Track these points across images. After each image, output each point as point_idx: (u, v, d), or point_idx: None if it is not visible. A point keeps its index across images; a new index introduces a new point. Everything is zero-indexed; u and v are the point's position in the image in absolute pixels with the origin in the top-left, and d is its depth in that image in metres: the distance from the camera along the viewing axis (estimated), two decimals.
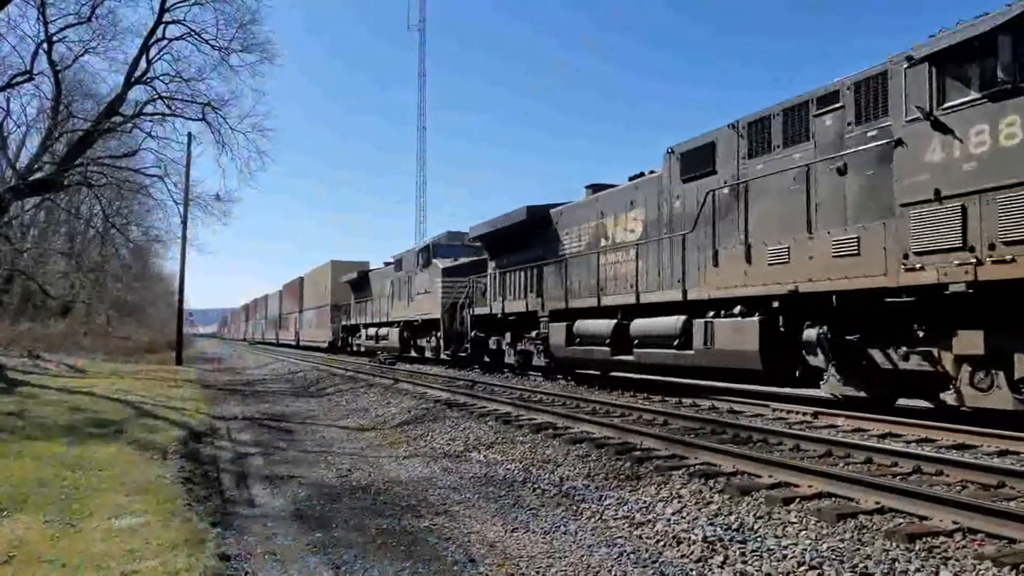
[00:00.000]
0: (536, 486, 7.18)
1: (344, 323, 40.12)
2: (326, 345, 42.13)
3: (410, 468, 8.52)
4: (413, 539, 5.66)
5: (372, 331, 33.55)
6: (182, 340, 32.17)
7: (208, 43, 23.63)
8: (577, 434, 9.23)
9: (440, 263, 25.66)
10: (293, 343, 52.43)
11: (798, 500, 5.70)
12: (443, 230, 28.50)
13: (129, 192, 28.03)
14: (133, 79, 23.46)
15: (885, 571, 4.29)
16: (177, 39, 23.75)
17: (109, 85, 27.09)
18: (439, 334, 25.09)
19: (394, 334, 29.63)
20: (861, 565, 4.39)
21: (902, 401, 10.73)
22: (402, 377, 19.71)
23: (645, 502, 6.18)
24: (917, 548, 4.56)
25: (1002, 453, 7.58)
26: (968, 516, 4.86)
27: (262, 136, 31.34)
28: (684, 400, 12.87)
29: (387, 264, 33.05)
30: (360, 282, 36.84)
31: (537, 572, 4.86)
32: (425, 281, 26.73)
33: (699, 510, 5.79)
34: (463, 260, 25.28)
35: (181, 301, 32.39)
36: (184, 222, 28.26)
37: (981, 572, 4.14)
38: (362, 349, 35.56)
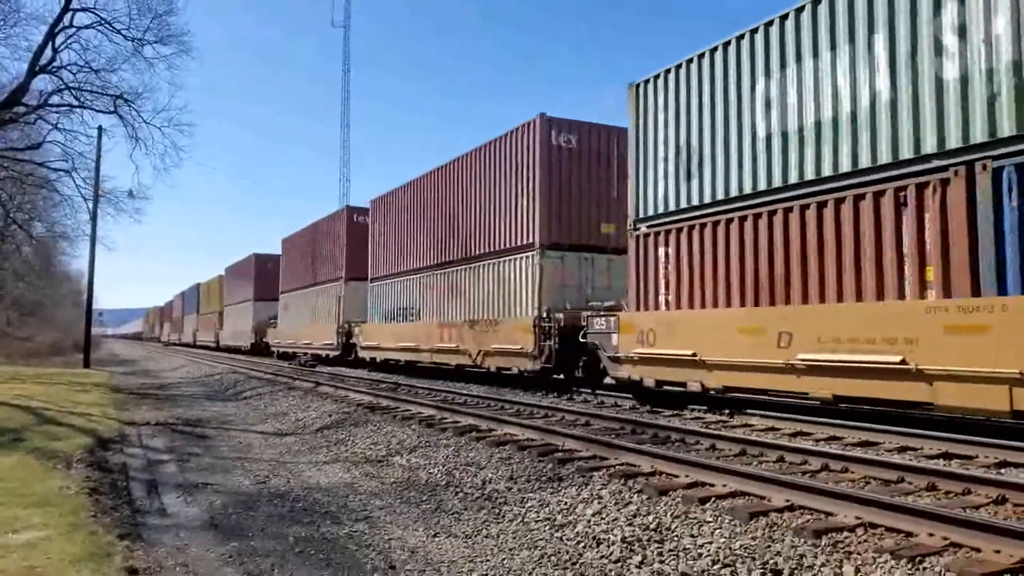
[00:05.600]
0: (459, 490, 7.16)
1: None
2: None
3: (330, 474, 8.37)
4: (332, 547, 5.56)
5: None
6: (90, 342, 30.72)
7: (120, 33, 22.73)
8: (501, 436, 9.26)
9: None
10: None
11: (714, 499, 5.87)
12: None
13: (32, 186, 26.60)
14: (38, 68, 22.27)
15: (793, 567, 4.46)
16: (86, 27, 22.72)
17: (11, 74, 25.68)
18: None
19: None
20: (771, 562, 4.55)
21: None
22: (324, 380, 19.35)
23: (566, 503, 6.25)
24: (823, 544, 4.76)
25: (902, 449, 8.01)
26: (870, 511, 5.11)
27: (179, 131, 30.42)
28: (606, 401, 13.07)
29: None
30: None
31: None
32: None
33: (619, 511, 5.89)
34: None
35: (90, 300, 30.98)
36: (93, 218, 27.04)
37: (880, 565, 4.35)
38: None
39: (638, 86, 13.20)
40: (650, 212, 12.67)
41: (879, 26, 9.08)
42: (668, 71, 12.46)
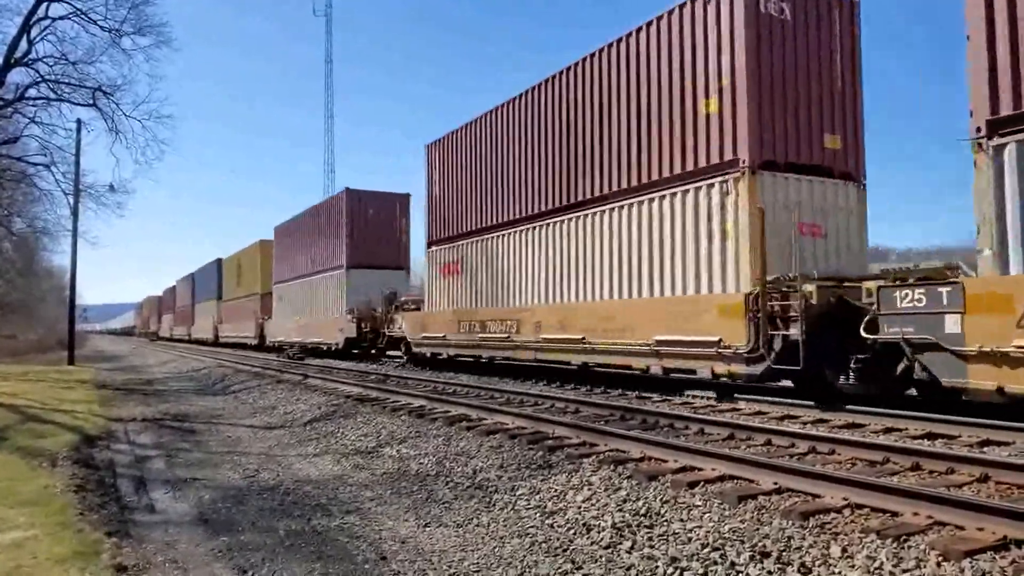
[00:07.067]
0: (449, 479, 7.17)
1: None
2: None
3: (320, 466, 8.36)
4: (323, 539, 5.56)
5: None
6: (74, 338, 30.46)
7: (97, 24, 22.37)
8: (491, 425, 9.27)
9: None
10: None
11: (702, 483, 5.90)
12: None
13: (10, 181, 26.26)
14: (13, 60, 21.94)
15: (781, 549, 4.50)
16: (62, 18, 22.38)
17: None
18: None
19: None
20: (760, 544, 4.58)
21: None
22: (312, 373, 19.29)
23: (556, 491, 6.27)
24: (810, 525, 4.80)
25: (887, 431, 8.09)
26: (856, 492, 5.15)
27: (160, 124, 30.14)
28: (595, 387, 13.11)
29: None
30: None
31: (449, 566, 4.86)
32: None
33: (608, 497, 5.91)
34: None
35: (72, 296, 30.64)
36: (74, 213, 26.77)
37: (867, 545, 4.39)
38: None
39: None
40: None
41: None
42: None
